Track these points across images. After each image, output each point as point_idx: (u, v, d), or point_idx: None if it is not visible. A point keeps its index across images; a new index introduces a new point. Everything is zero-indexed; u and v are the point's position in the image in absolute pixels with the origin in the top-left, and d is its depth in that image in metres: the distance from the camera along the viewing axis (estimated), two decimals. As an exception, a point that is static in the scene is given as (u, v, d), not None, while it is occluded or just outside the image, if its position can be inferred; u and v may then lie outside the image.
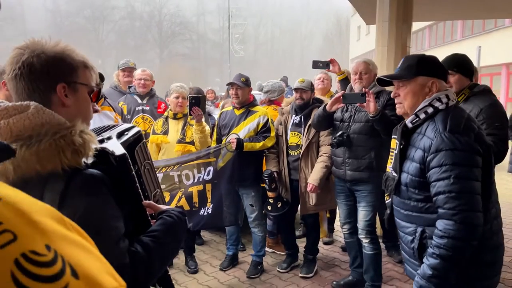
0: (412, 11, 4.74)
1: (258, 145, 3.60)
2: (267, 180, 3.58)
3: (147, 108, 4.26)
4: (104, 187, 1.06)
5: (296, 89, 3.72)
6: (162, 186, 3.43)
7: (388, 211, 2.00)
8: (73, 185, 1.00)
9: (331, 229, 4.75)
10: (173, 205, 3.49)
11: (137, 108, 4.24)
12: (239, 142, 3.53)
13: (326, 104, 3.29)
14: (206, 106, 5.40)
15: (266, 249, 4.27)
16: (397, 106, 1.92)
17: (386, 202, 1.99)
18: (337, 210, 3.91)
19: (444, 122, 1.69)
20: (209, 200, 3.60)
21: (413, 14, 4.98)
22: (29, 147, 0.98)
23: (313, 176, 3.56)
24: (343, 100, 3.13)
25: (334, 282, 3.63)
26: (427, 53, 3.21)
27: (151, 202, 1.26)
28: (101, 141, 1.20)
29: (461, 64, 2.95)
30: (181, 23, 47.02)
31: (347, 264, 3.86)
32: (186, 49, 47.31)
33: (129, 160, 1.16)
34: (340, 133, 3.26)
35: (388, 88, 3.17)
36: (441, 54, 3.10)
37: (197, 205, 3.58)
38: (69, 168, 1.00)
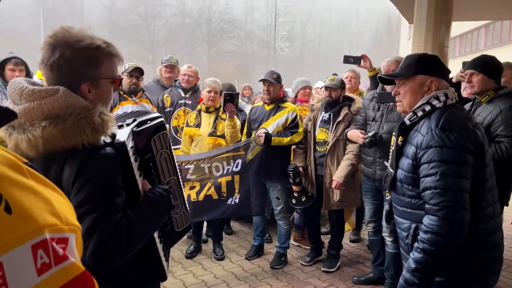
0: (451, 11, 4.64)
1: (286, 140, 3.72)
2: (291, 174, 3.69)
3: (189, 102, 4.47)
4: (114, 166, 1.23)
5: (326, 87, 3.80)
6: (193, 177, 3.64)
7: (387, 208, 2.04)
8: (88, 163, 1.18)
9: (358, 227, 4.77)
10: (202, 194, 3.69)
11: (179, 102, 4.46)
12: (267, 136, 3.67)
13: (348, 131, 3.48)
14: (242, 101, 5.59)
15: (292, 242, 4.38)
16: (397, 104, 1.96)
17: (387, 198, 2.03)
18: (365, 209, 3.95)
19: (437, 119, 1.71)
20: (236, 190, 3.76)
21: (455, 13, 4.87)
22: (56, 125, 1.17)
23: (338, 173, 3.62)
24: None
25: (355, 278, 3.69)
26: (483, 53, 3.18)
27: (145, 181, 1.40)
28: (120, 126, 1.37)
29: (486, 65, 2.93)
30: (229, 21, 47.68)
31: (370, 262, 3.90)
32: (233, 46, 47.92)
33: (129, 148, 1.30)
34: (373, 133, 3.27)
35: (389, 87, 3.18)
36: (497, 55, 3.08)
37: (225, 195, 3.75)
38: (88, 144, 1.19)
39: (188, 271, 3.80)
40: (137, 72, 3.96)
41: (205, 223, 4.45)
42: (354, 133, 3.42)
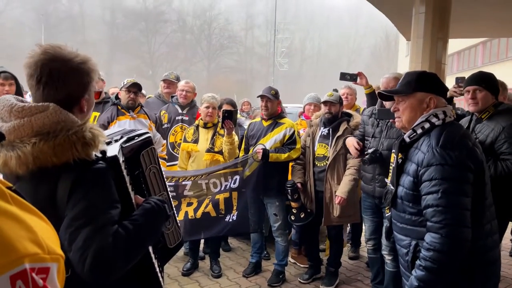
0: (448, 28, 4.69)
1: (283, 156, 3.71)
2: (289, 191, 3.66)
3: (186, 118, 4.46)
4: (108, 180, 1.23)
5: (325, 102, 3.80)
6: (190, 193, 3.61)
7: (387, 224, 2.04)
8: (82, 178, 1.18)
9: (357, 244, 4.73)
10: (200, 211, 3.65)
11: (177, 118, 4.46)
12: (265, 152, 3.65)
13: (347, 137, 3.48)
14: (241, 117, 5.60)
15: (290, 259, 4.33)
16: (396, 120, 1.98)
17: (386, 215, 2.03)
18: (363, 226, 3.92)
19: (437, 137, 1.73)
20: (234, 207, 3.73)
21: (452, 30, 4.92)
22: (47, 141, 1.16)
23: (342, 188, 3.61)
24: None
25: (354, 296, 3.64)
26: (480, 70, 3.20)
27: (137, 196, 1.40)
28: (109, 143, 1.37)
29: (489, 81, 2.94)
30: (229, 37, 48.24)
31: (369, 279, 3.84)
32: (233, 62, 48.35)
33: (120, 162, 1.30)
34: (373, 149, 3.25)
35: (388, 103, 3.19)
36: (495, 71, 3.10)
37: (223, 212, 3.71)
38: (79, 160, 1.18)
39: (185, 289, 3.75)
40: (135, 88, 3.95)
41: (202, 240, 4.40)
42: (350, 141, 3.42)
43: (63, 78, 1.24)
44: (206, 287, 3.81)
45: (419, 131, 1.82)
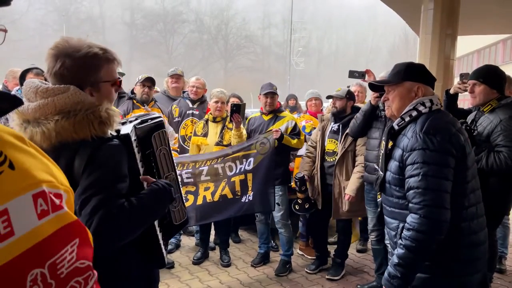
0: (457, 25, 4.72)
1: (293, 141, 3.88)
2: (298, 183, 3.77)
3: (197, 112, 4.66)
4: (120, 156, 1.38)
5: (329, 97, 3.92)
6: (207, 178, 3.74)
7: (379, 209, 2.13)
8: (97, 153, 1.32)
9: (365, 238, 4.80)
10: (217, 194, 3.76)
11: (187, 112, 4.66)
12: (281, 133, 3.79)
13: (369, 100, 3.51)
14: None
15: (298, 251, 4.44)
16: (386, 108, 2.09)
17: (378, 200, 2.12)
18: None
19: (422, 124, 1.83)
20: (250, 188, 3.82)
21: (465, 27, 4.94)
22: (68, 119, 1.32)
23: (351, 186, 3.69)
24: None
25: (358, 286, 3.73)
26: (501, 68, 3.25)
27: (147, 176, 1.53)
28: (124, 123, 1.52)
29: (488, 76, 2.98)
30: (246, 36, 48.37)
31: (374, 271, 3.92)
32: (250, 61, 48.47)
33: (132, 140, 1.44)
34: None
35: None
36: None
37: (239, 193, 3.82)
38: (96, 137, 1.33)
39: (195, 276, 3.90)
40: (149, 82, 4.13)
41: (213, 231, 4.55)
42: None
43: (69, 69, 1.37)
44: (216, 275, 3.96)
45: (407, 118, 1.91)
